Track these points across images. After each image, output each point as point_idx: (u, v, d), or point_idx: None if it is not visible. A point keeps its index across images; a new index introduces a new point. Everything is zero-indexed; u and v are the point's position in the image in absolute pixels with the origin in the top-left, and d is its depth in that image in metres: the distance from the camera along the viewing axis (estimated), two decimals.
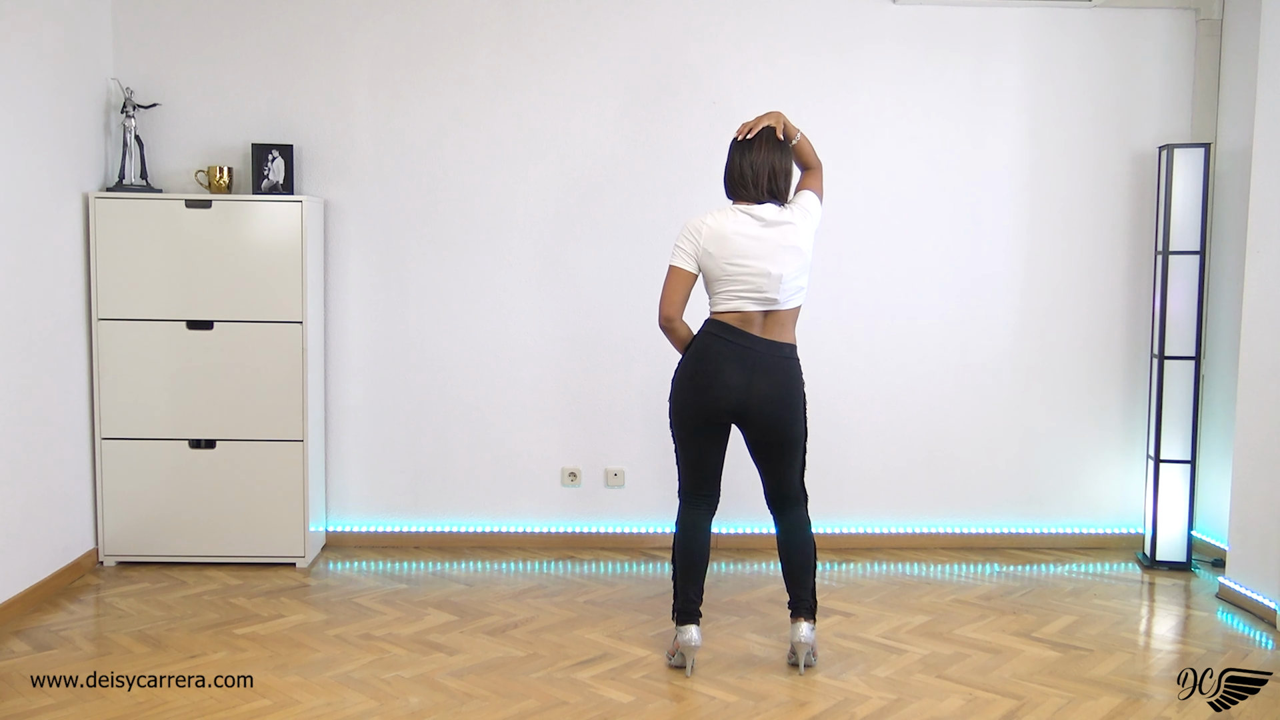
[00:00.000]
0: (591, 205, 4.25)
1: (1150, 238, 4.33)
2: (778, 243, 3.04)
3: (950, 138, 4.29)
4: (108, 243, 3.92)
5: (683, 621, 3.10)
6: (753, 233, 3.04)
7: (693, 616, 3.10)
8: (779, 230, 3.05)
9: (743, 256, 3.03)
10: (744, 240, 3.03)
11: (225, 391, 3.99)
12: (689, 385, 3.09)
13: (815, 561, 3.19)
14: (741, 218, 3.06)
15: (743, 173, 3.09)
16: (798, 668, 3.15)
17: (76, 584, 3.85)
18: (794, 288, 3.08)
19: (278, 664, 3.15)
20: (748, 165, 3.09)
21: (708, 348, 3.07)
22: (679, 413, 3.12)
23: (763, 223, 3.05)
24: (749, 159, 3.10)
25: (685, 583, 3.12)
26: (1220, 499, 4.16)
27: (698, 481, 3.17)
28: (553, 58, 4.21)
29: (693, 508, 3.18)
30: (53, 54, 3.72)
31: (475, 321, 4.29)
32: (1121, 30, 4.27)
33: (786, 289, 3.06)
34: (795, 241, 3.06)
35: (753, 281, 3.03)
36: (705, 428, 3.10)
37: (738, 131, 3.13)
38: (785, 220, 3.07)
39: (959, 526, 4.44)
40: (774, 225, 3.05)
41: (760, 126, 3.11)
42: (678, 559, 3.16)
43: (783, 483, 3.18)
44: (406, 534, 4.36)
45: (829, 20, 4.23)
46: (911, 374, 4.36)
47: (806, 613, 3.14)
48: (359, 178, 4.23)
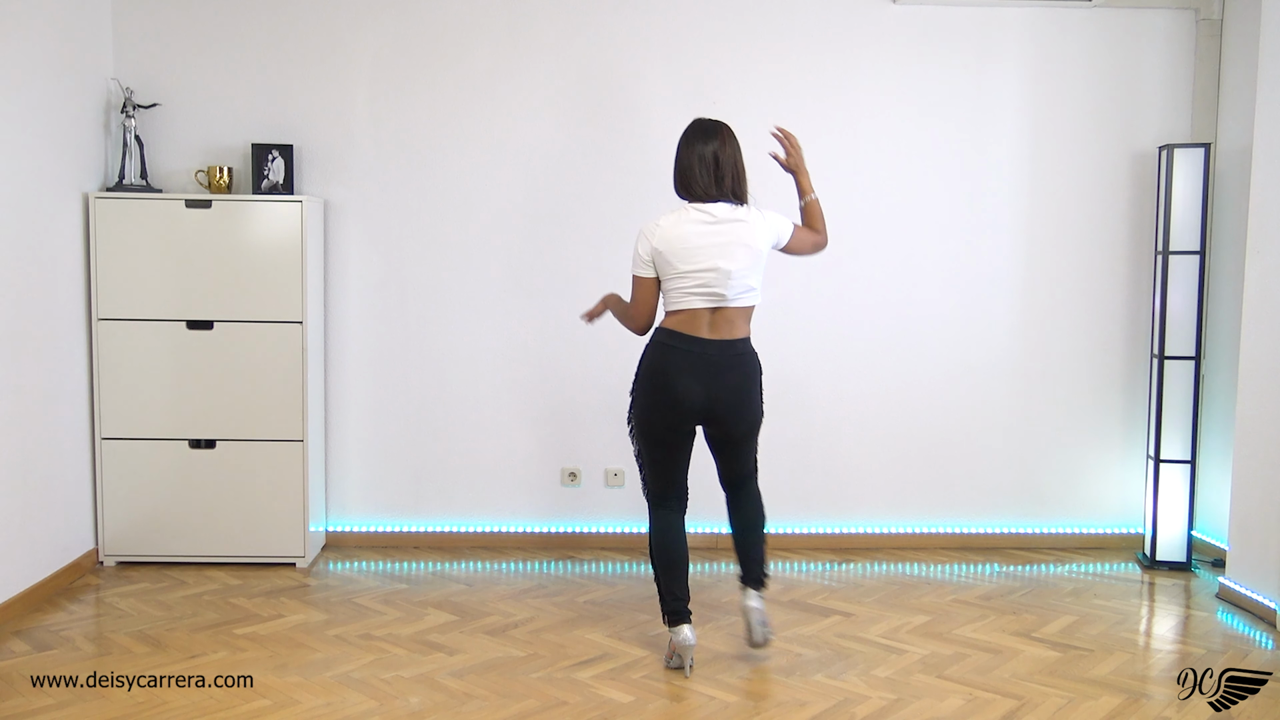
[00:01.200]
0: (592, 205, 4.25)
1: (1150, 238, 4.34)
2: (729, 239, 3.00)
3: (950, 138, 4.29)
4: (108, 243, 3.92)
5: (674, 623, 3.10)
6: (704, 230, 3.00)
7: (683, 616, 3.10)
8: (730, 227, 3.01)
9: (693, 254, 2.99)
10: (695, 238, 3.00)
11: (225, 391, 3.99)
12: (650, 400, 3.08)
13: (764, 531, 3.26)
14: (693, 215, 3.03)
15: (690, 165, 3.03)
16: (755, 643, 3.14)
17: (76, 584, 3.85)
18: (744, 286, 3.03)
19: (278, 664, 3.15)
20: (695, 157, 3.04)
21: (662, 359, 3.05)
22: (643, 425, 3.12)
23: (713, 219, 3.01)
24: (698, 150, 3.04)
25: (670, 584, 3.12)
26: (1220, 499, 4.15)
27: (666, 486, 3.18)
28: (553, 58, 4.21)
29: (665, 510, 3.18)
30: (53, 54, 3.72)
31: (475, 321, 4.29)
32: (1121, 30, 4.27)
33: (736, 285, 3.01)
34: (748, 240, 3.02)
35: (702, 277, 3.00)
36: (671, 436, 3.10)
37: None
38: (738, 218, 3.03)
39: (959, 526, 4.44)
40: (726, 222, 3.02)
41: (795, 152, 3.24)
42: (657, 562, 3.15)
43: (738, 464, 3.24)
44: (406, 534, 4.36)
45: (829, 20, 4.23)
46: (911, 374, 4.36)
47: (754, 582, 3.19)
48: (359, 178, 4.23)
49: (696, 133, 3.09)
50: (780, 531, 4.40)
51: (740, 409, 3.09)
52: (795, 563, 4.24)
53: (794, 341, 4.28)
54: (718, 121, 3.12)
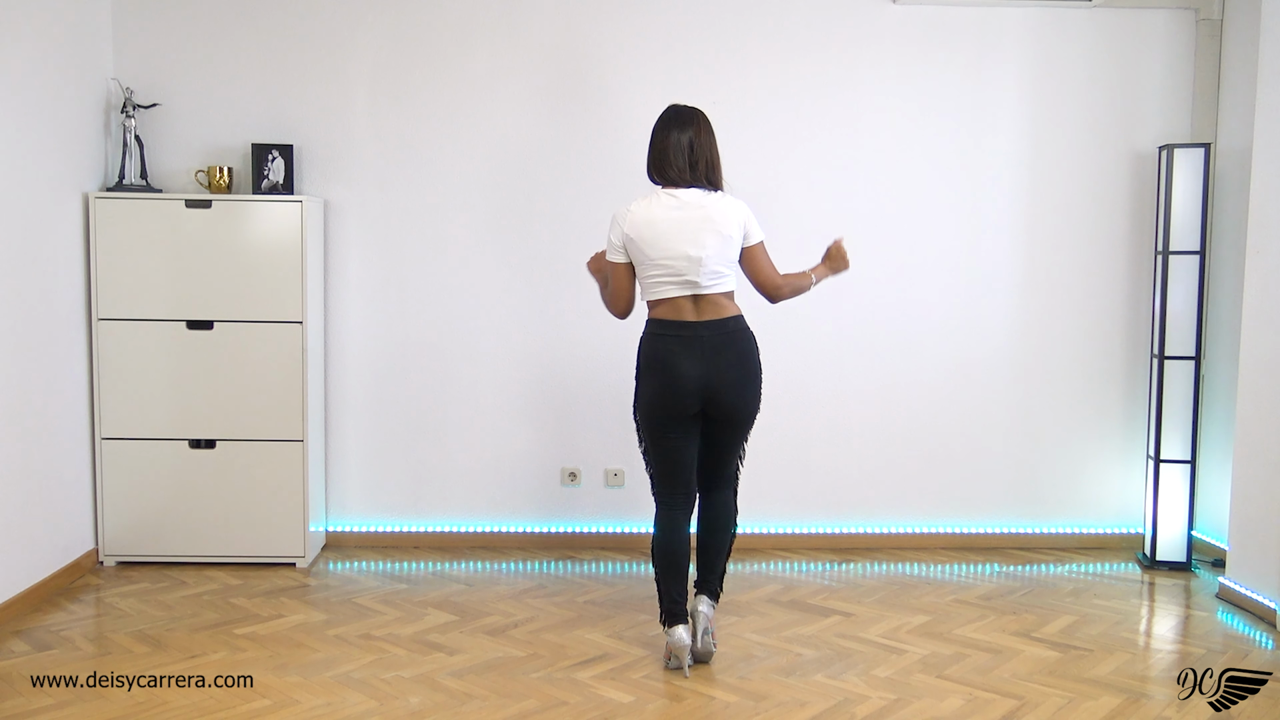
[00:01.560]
0: (592, 205, 4.25)
1: (1150, 238, 4.33)
2: (699, 224, 3.00)
3: (950, 138, 4.29)
4: (108, 243, 3.91)
5: (670, 623, 3.10)
6: (674, 215, 3.01)
7: (680, 617, 3.10)
8: (701, 211, 3.01)
9: (662, 239, 3.00)
10: (664, 224, 3.00)
11: (225, 391, 3.99)
12: (651, 387, 3.08)
13: (729, 547, 3.24)
14: (664, 199, 3.04)
15: (665, 150, 3.05)
16: (694, 651, 3.12)
17: (76, 584, 3.85)
18: (714, 272, 3.02)
19: (278, 664, 3.15)
20: (670, 142, 3.05)
21: (657, 348, 3.06)
22: (646, 413, 3.11)
23: (683, 204, 3.02)
24: (674, 136, 3.05)
25: (668, 584, 3.11)
26: (1220, 499, 4.15)
27: (672, 482, 3.16)
28: (553, 58, 4.21)
29: (670, 508, 3.17)
30: (53, 54, 3.72)
31: (475, 321, 4.29)
32: (1121, 30, 4.27)
33: (707, 272, 3.01)
34: (719, 225, 3.01)
35: (672, 265, 3.00)
36: (673, 424, 3.08)
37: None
38: (708, 204, 3.03)
39: (959, 526, 4.44)
40: (695, 207, 3.02)
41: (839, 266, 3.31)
42: (657, 562, 3.15)
43: (722, 463, 3.19)
44: (406, 534, 4.36)
45: (829, 20, 4.23)
46: (911, 374, 4.36)
47: (710, 592, 3.20)
48: (359, 178, 4.23)
49: (672, 118, 3.10)
50: (780, 531, 4.40)
51: (741, 385, 3.06)
52: (795, 563, 4.24)
53: (794, 341, 4.28)
54: (693, 108, 3.14)
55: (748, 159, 4.20)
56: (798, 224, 4.14)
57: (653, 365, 3.07)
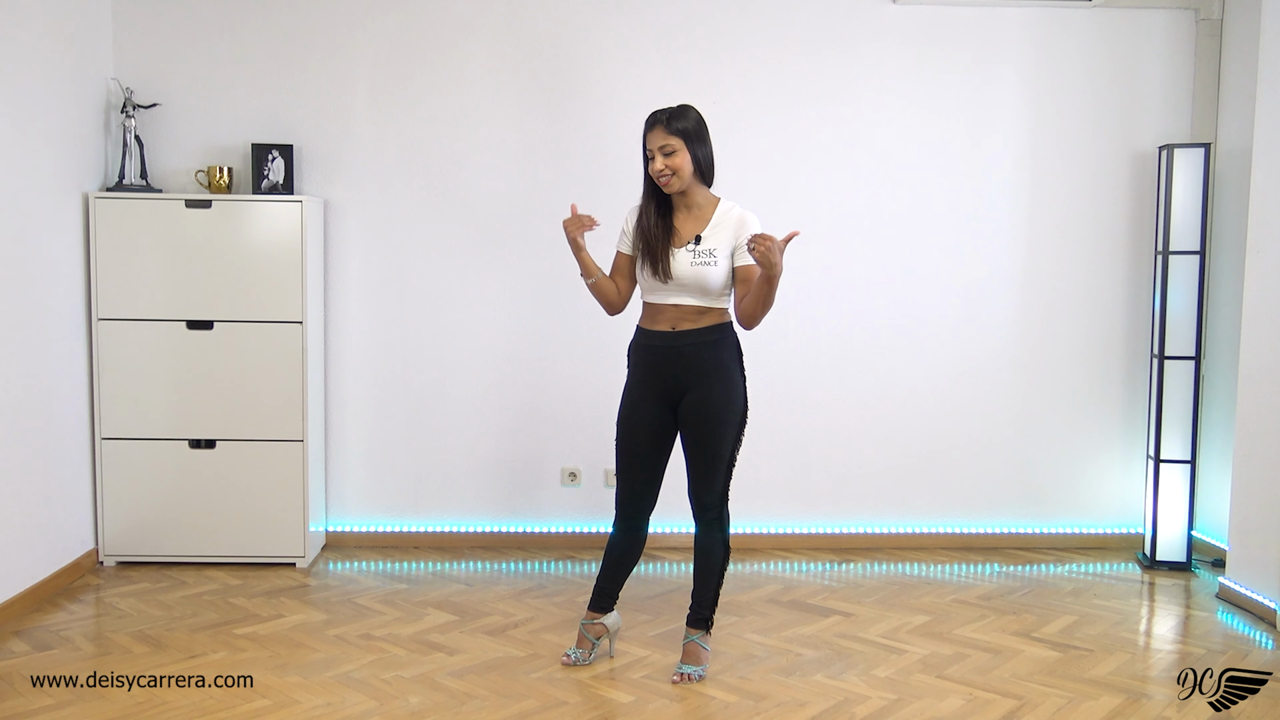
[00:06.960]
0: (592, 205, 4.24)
1: (1150, 238, 4.34)
2: None
3: (950, 137, 4.29)
4: (108, 243, 3.91)
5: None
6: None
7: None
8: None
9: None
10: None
11: (225, 391, 3.98)
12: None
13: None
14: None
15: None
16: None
17: (76, 584, 3.85)
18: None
19: (278, 664, 3.15)
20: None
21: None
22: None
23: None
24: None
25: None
26: (1220, 499, 4.15)
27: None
28: (553, 58, 4.21)
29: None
30: (53, 54, 3.71)
31: (475, 321, 4.29)
32: (1121, 30, 4.27)
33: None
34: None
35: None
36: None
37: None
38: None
39: (959, 526, 4.44)
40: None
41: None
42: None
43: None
44: (406, 534, 4.36)
45: (829, 20, 4.23)
46: (911, 374, 4.36)
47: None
48: (359, 178, 4.23)
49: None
50: (780, 531, 4.40)
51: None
52: (795, 563, 4.24)
53: (794, 342, 4.28)
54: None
55: (747, 159, 4.20)
56: (797, 224, 4.11)
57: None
